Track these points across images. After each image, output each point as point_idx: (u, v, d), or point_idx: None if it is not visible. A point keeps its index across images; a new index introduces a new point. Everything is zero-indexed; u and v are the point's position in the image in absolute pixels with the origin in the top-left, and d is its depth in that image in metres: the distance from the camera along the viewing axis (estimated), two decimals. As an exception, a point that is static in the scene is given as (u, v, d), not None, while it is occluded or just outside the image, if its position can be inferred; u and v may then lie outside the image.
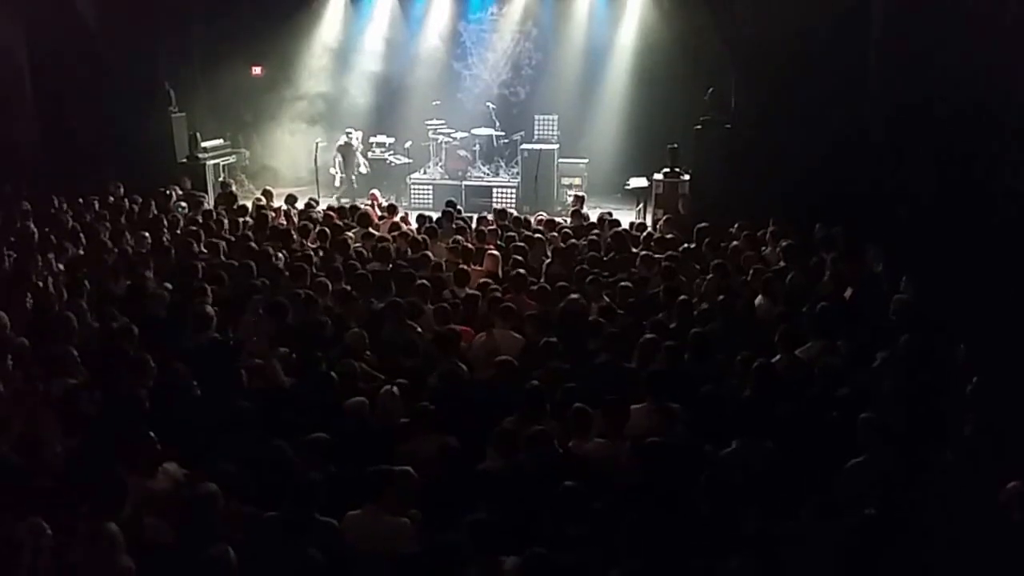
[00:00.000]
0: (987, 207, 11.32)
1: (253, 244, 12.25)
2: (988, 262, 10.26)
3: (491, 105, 20.15)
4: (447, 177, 19.44)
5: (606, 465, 6.61)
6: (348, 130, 19.45)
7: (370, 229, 13.38)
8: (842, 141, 13.91)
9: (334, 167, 19.30)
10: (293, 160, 20.44)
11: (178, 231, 13.24)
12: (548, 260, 11.79)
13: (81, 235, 12.65)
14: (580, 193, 16.77)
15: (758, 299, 10.08)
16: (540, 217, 14.57)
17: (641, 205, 17.01)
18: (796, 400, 7.52)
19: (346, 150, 19.17)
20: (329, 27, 20.73)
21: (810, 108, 14.13)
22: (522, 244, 12.21)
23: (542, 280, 10.95)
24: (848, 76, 14.16)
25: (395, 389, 7.57)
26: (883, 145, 13.49)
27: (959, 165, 12.09)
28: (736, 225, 12.95)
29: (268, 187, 16.90)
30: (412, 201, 19.06)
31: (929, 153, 12.62)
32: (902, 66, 13.21)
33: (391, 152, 19.91)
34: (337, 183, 19.13)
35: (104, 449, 6.58)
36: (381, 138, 19.92)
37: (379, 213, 14.95)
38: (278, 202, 15.57)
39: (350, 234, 13.01)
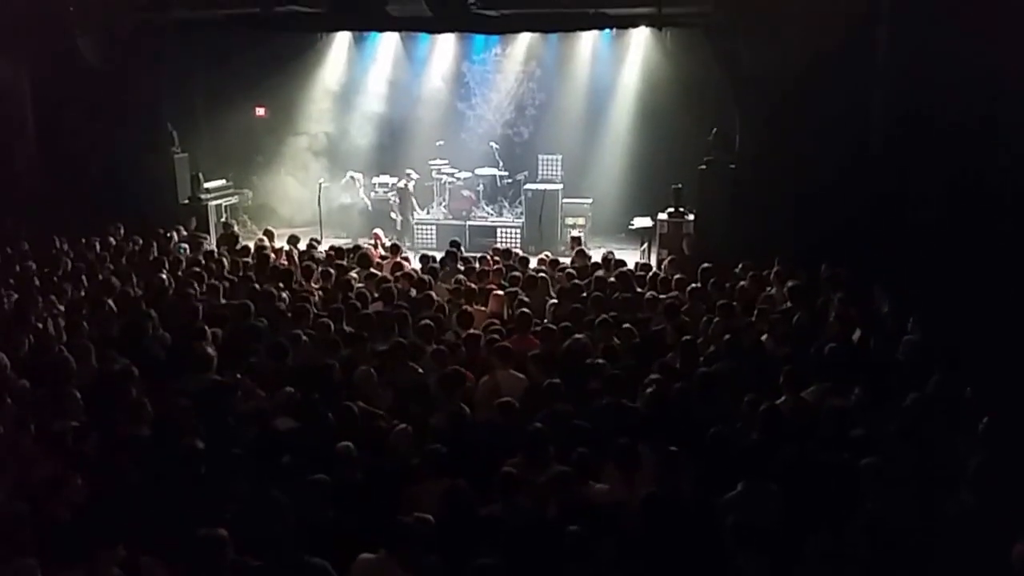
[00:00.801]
0: (996, 242, 11.25)
1: (255, 285, 12.19)
2: (997, 298, 10.17)
3: (495, 145, 20.17)
4: (451, 217, 19.43)
5: (614, 511, 6.48)
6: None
7: (372, 270, 13.30)
8: (847, 180, 13.85)
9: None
10: (297, 201, 20.38)
11: (179, 272, 13.18)
12: (553, 301, 11.70)
13: (82, 276, 12.59)
14: (577, 234, 16.70)
15: (764, 339, 9.98)
16: (543, 257, 14.49)
17: (645, 245, 16.96)
18: (802, 443, 7.41)
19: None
20: (333, 68, 20.76)
21: (814, 147, 14.07)
22: (526, 284, 12.15)
23: (546, 320, 10.88)
24: (852, 113, 14.12)
25: (409, 428, 7.58)
26: (890, 182, 13.41)
27: (967, 199, 12.03)
28: (741, 265, 12.88)
29: (270, 227, 16.88)
30: (415, 241, 19.03)
31: (937, 188, 12.56)
32: (907, 101, 13.16)
33: (394, 192, 19.86)
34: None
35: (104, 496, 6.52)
36: (384, 178, 19.89)
37: (381, 253, 14.89)
38: (279, 243, 15.52)
39: (353, 274, 12.95)
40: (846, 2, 13.61)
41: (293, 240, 15.39)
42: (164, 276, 12.79)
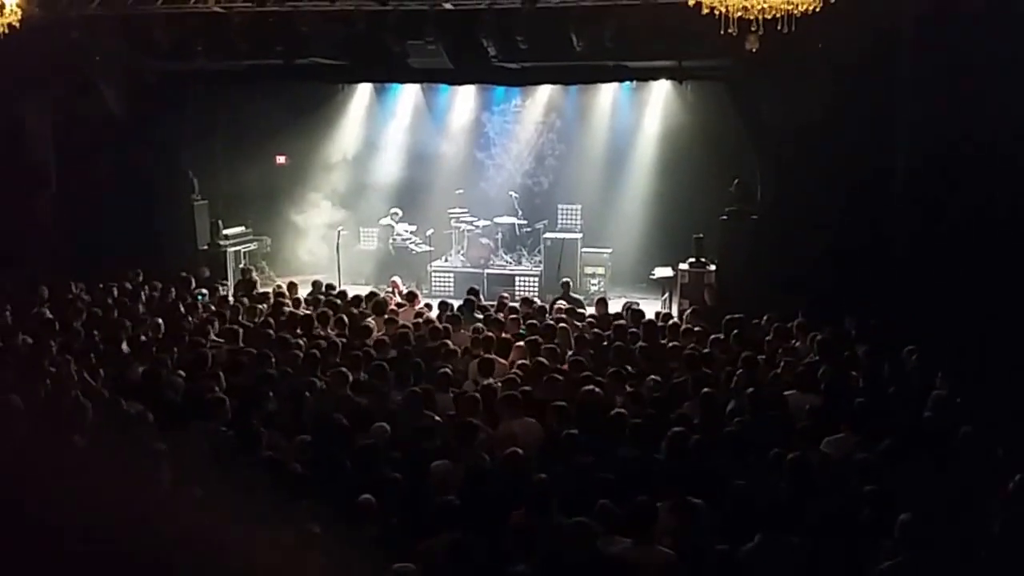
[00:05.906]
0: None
1: (271, 331, 12.12)
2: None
3: (514, 194, 20.12)
4: (469, 265, 19.37)
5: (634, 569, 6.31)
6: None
7: (387, 317, 13.21)
8: (870, 230, 13.73)
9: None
10: (316, 247, 20.32)
11: (194, 318, 13.13)
12: (572, 352, 11.56)
13: (99, 322, 12.54)
14: (565, 279, 16.51)
15: (789, 393, 9.81)
16: (560, 305, 14.36)
17: (666, 295, 16.83)
18: (827, 497, 7.28)
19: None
20: (353, 118, 20.78)
21: (836, 197, 14.00)
22: (546, 333, 12.03)
23: (566, 367, 10.74)
24: (874, 164, 14.01)
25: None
26: (914, 232, 13.28)
27: (995, 249, 11.89)
28: (765, 317, 12.73)
29: (293, 281, 16.79)
30: (433, 289, 18.94)
31: (963, 238, 12.41)
32: (931, 152, 13.04)
33: (412, 240, 19.84)
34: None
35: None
36: (403, 226, 19.85)
37: (398, 300, 14.81)
38: (300, 291, 15.43)
39: (370, 321, 12.86)
40: (865, 51, 13.54)
41: (317, 286, 15.33)
42: (180, 322, 12.73)
